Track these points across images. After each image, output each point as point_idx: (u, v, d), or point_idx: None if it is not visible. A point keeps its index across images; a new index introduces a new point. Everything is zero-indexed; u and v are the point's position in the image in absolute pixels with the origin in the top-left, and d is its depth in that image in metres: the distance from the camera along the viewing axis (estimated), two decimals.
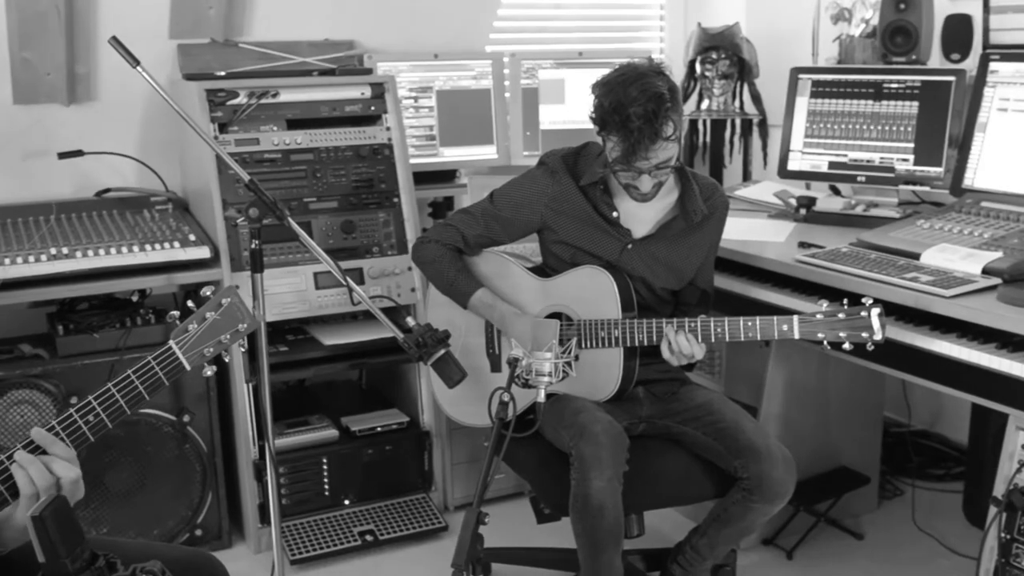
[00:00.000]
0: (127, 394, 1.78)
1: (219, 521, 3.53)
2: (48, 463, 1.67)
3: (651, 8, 5.01)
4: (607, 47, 4.71)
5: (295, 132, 3.57)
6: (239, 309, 1.91)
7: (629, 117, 2.67)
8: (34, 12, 3.49)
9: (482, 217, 3.00)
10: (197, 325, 1.87)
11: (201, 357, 1.86)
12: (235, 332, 1.90)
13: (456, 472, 3.79)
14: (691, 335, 2.74)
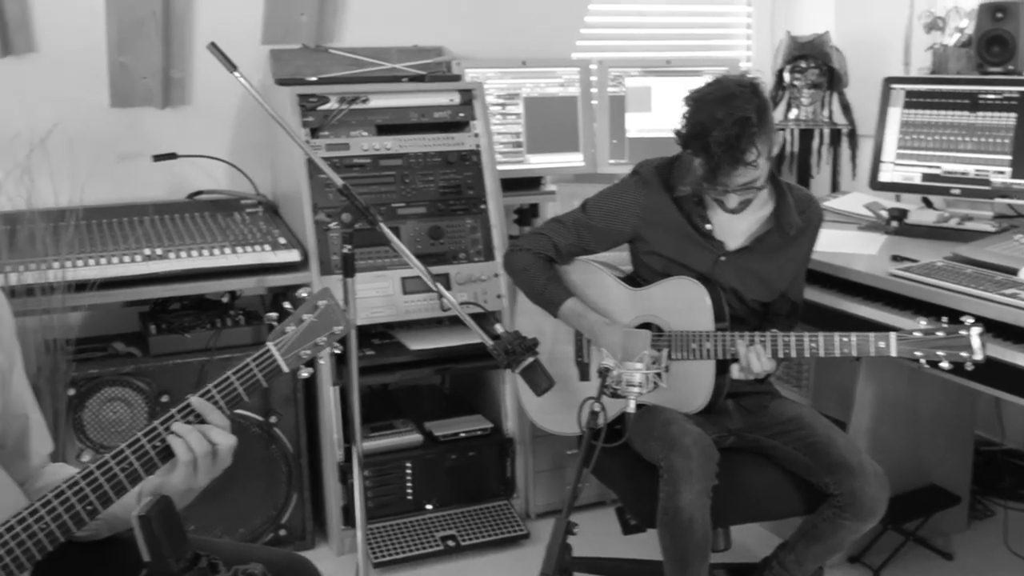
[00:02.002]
0: (226, 395, 1.79)
1: (303, 522, 3.55)
2: (206, 431, 1.71)
3: (737, 16, 4.97)
4: (695, 55, 4.68)
5: (384, 138, 3.59)
6: (335, 312, 1.92)
7: (710, 143, 2.65)
8: (133, 18, 3.54)
9: (574, 226, 3.00)
10: (294, 327, 1.88)
11: (298, 359, 1.87)
12: (331, 334, 1.91)
13: (538, 480, 3.78)
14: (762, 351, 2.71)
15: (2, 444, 1.80)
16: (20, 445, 1.87)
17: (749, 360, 2.71)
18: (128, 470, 1.69)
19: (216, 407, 1.76)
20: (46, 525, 1.63)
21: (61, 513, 1.64)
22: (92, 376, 3.22)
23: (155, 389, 3.29)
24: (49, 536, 1.63)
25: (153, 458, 1.71)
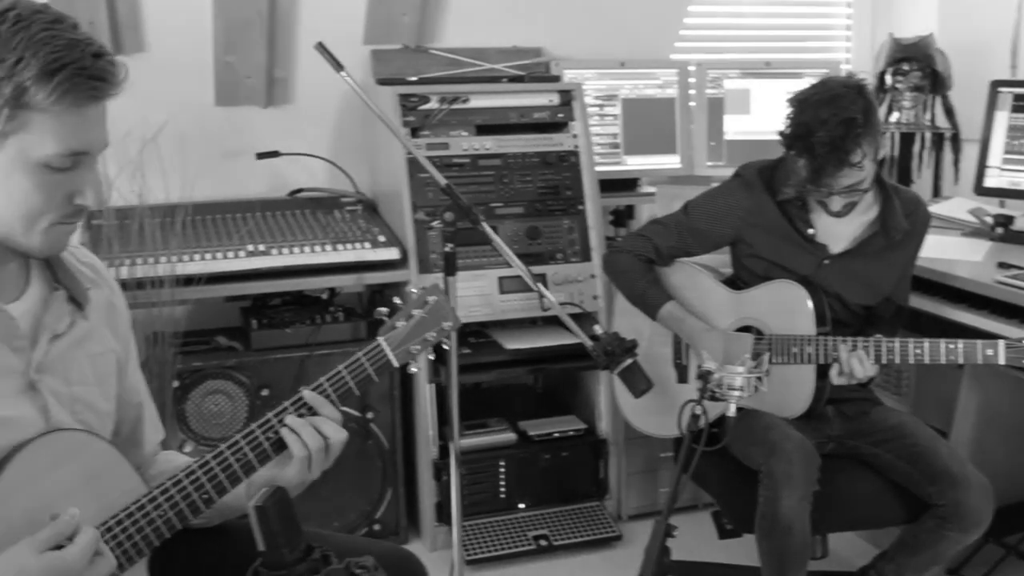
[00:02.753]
0: (338, 389, 1.82)
1: (397, 517, 3.59)
2: (318, 425, 1.75)
3: (837, 17, 4.90)
4: (794, 57, 4.63)
5: (484, 138, 3.62)
6: (444, 308, 1.94)
7: (814, 143, 2.62)
8: (239, 18, 3.61)
9: (675, 228, 2.98)
10: (404, 322, 1.90)
11: (407, 355, 1.89)
12: (440, 330, 1.92)
13: (631, 481, 3.77)
14: (864, 356, 2.67)
15: (117, 431, 1.84)
16: (134, 433, 1.92)
17: (852, 366, 2.67)
18: (242, 460, 1.73)
19: (328, 401, 1.78)
20: (164, 512, 1.66)
21: (178, 501, 1.68)
22: (195, 369, 3.29)
23: (255, 383, 3.34)
24: (167, 523, 1.67)
25: (267, 449, 1.75)
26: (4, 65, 1.45)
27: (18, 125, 1.48)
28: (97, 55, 1.51)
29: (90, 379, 1.73)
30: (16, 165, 1.50)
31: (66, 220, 1.58)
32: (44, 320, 1.66)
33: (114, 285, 1.85)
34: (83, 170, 1.56)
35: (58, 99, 1.47)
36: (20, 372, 1.62)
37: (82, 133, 1.53)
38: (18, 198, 1.52)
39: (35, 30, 1.46)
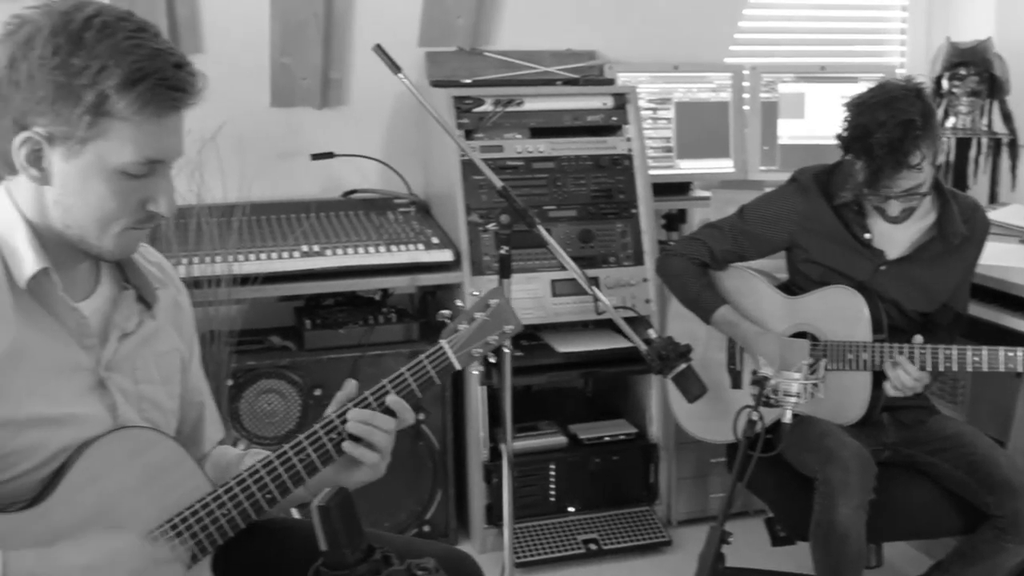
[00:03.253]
0: (401, 390, 1.83)
1: (447, 519, 3.60)
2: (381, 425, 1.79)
3: (892, 21, 4.86)
4: (850, 61, 4.59)
5: (538, 140, 3.62)
6: (506, 310, 1.94)
7: (872, 145, 2.61)
8: (296, 20, 3.64)
9: (730, 232, 2.97)
10: (466, 325, 1.90)
11: (469, 357, 1.89)
12: (502, 333, 1.93)
13: (681, 487, 3.76)
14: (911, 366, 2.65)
15: (179, 429, 1.86)
16: (195, 431, 1.94)
17: (902, 380, 2.66)
18: (305, 461, 1.74)
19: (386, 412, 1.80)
20: (228, 511, 1.68)
21: (242, 500, 1.69)
22: (249, 368, 3.31)
23: (308, 383, 3.36)
24: (231, 522, 1.68)
25: (330, 451, 1.76)
26: (88, 72, 1.46)
27: (98, 132, 1.50)
28: (178, 65, 1.53)
29: (156, 377, 1.76)
30: (94, 171, 1.52)
31: (138, 225, 1.60)
32: (114, 319, 1.68)
33: (180, 284, 1.88)
34: (158, 177, 1.58)
35: (139, 108, 1.49)
36: (90, 369, 1.64)
37: (159, 142, 1.54)
38: (94, 203, 1.54)
39: (120, 38, 1.48)
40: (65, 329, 1.62)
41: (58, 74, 1.47)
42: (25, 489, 1.58)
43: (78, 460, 1.59)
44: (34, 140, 1.51)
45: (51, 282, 1.58)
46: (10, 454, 1.55)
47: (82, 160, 1.52)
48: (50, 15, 1.49)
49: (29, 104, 1.49)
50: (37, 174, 1.54)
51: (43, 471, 1.59)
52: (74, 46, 1.47)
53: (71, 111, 1.48)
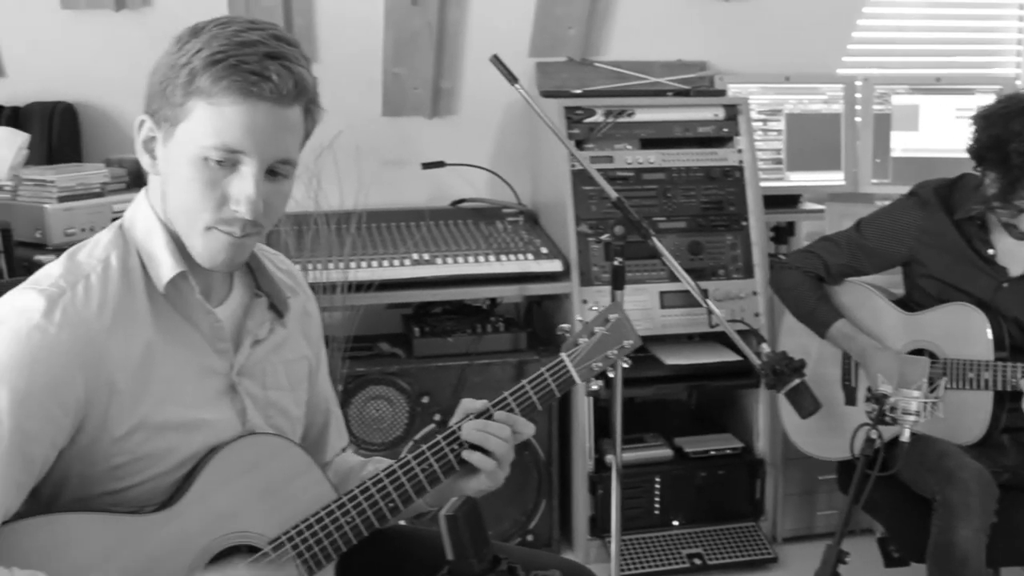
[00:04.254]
0: (522, 403, 1.82)
1: (550, 529, 3.59)
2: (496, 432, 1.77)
3: (1008, 32, 4.75)
4: (966, 72, 4.50)
5: (648, 151, 3.60)
6: (625, 325, 1.93)
7: (1009, 154, 2.55)
8: (409, 30, 3.68)
9: (847, 246, 2.93)
10: (587, 339, 1.90)
11: (589, 371, 1.89)
12: (621, 348, 1.92)
13: (787, 503, 3.71)
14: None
15: (304, 436, 1.88)
16: (320, 439, 1.96)
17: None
18: (428, 471, 1.75)
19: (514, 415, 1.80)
20: (352, 519, 1.69)
21: (366, 509, 1.70)
22: (359, 374, 3.35)
23: (416, 390, 3.38)
24: (354, 530, 1.70)
25: (451, 461, 1.76)
26: (188, 53, 1.50)
27: (185, 112, 1.51)
28: (272, 56, 1.50)
29: (284, 384, 1.78)
30: (182, 155, 1.53)
31: (221, 225, 1.55)
32: (246, 325, 1.71)
33: (310, 293, 1.90)
34: (241, 174, 1.53)
35: (215, 85, 1.48)
36: (223, 374, 1.67)
37: (238, 129, 1.50)
38: (182, 188, 1.55)
39: (230, 30, 1.51)
40: (199, 333, 1.64)
41: (171, 58, 1.52)
42: (157, 492, 1.61)
43: (208, 465, 1.62)
44: (148, 125, 1.56)
45: (189, 286, 1.60)
46: (143, 457, 1.58)
47: (174, 143, 1.54)
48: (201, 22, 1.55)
49: (152, 92, 1.55)
50: (150, 161, 1.58)
51: (175, 475, 1.62)
52: (191, 36, 1.52)
53: (171, 91, 1.51)
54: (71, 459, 1.55)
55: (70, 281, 1.54)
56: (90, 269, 1.57)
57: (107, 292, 1.55)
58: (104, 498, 1.59)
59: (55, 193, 3.00)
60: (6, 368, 1.47)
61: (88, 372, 1.51)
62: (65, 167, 3.24)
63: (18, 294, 1.54)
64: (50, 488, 1.58)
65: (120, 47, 3.57)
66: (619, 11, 3.94)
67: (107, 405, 1.53)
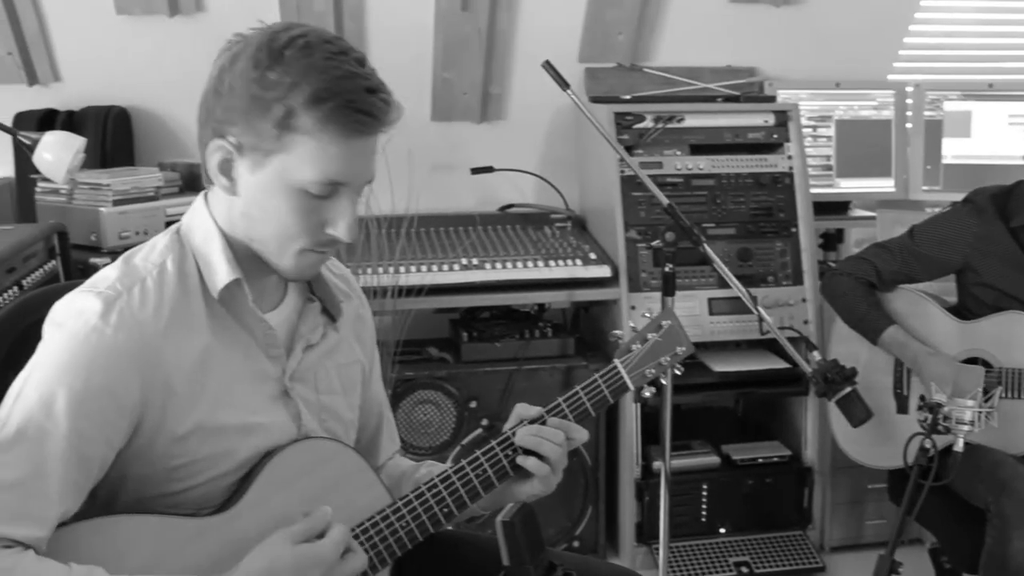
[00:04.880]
0: (575, 409, 1.83)
1: (596, 535, 3.58)
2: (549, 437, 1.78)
3: None
4: (1019, 78, 4.45)
5: (698, 157, 3.59)
6: (678, 332, 1.93)
7: None
8: (459, 35, 3.69)
9: (900, 253, 2.91)
10: (639, 345, 1.90)
11: (642, 378, 1.89)
12: (674, 355, 1.91)
13: (836, 512, 3.68)
14: None
15: (357, 439, 1.89)
16: (372, 443, 1.97)
17: None
18: (482, 476, 1.75)
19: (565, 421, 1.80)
20: (407, 524, 1.70)
21: (421, 514, 1.71)
22: (407, 378, 3.36)
23: (464, 395, 3.39)
24: (409, 534, 1.70)
25: (505, 466, 1.77)
26: (280, 87, 1.49)
27: (282, 146, 1.51)
28: (371, 90, 1.52)
29: (337, 389, 1.79)
30: (276, 185, 1.54)
31: (317, 248, 1.60)
32: (299, 330, 1.72)
33: (363, 297, 1.90)
34: (341, 201, 1.57)
35: (323, 127, 1.49)
36: (276, 379, 1.68)
37: (342, 164, 1.53)
38: (275, 218, 1.56)
39: (317, 58, 1.49)
40: (253, 339, 1.65)
41: (254, 86, 1.50)
42: (213, 495, 1.63)
43: (265, 468, 1.63)
44: (226, 148, 1.55)
45: (242, 293, 1.62)
46: (201, 460, 1.60)
47: (266, 173, 1.54)
48: (262, 33, 1.54)
49: (226, 113, 1.53)
50: (227, 183, 1.57)
51: (230, 478, 1.63)
52: (273, 61, 1.50)
53: (261, 123, 1.51)
54: (129, 460, 1.57)
55: (126, 284, 1.56)
56: (146, 273, 1.58)
57: (163, 296, 1.57)
58: (161, 500, 1.61)
59: (110, 196, 3.04)
60: (63, 369, 1.49)
61: (144, 374, 1.53)
62: (120, 171, 3.28)
63: (76, 297, 1.56)
64: (108, 490, 1.60)
65: (173, 52, 3.62)
66: (669, 17, 3.93)
67: (163, 407, 1.55)
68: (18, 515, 1.44)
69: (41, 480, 1.46)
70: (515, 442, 1.77)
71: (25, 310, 1.82)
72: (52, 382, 1.48)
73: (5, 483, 1.44)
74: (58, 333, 1.52)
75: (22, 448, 1.46)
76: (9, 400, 1.50)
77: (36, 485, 1.45)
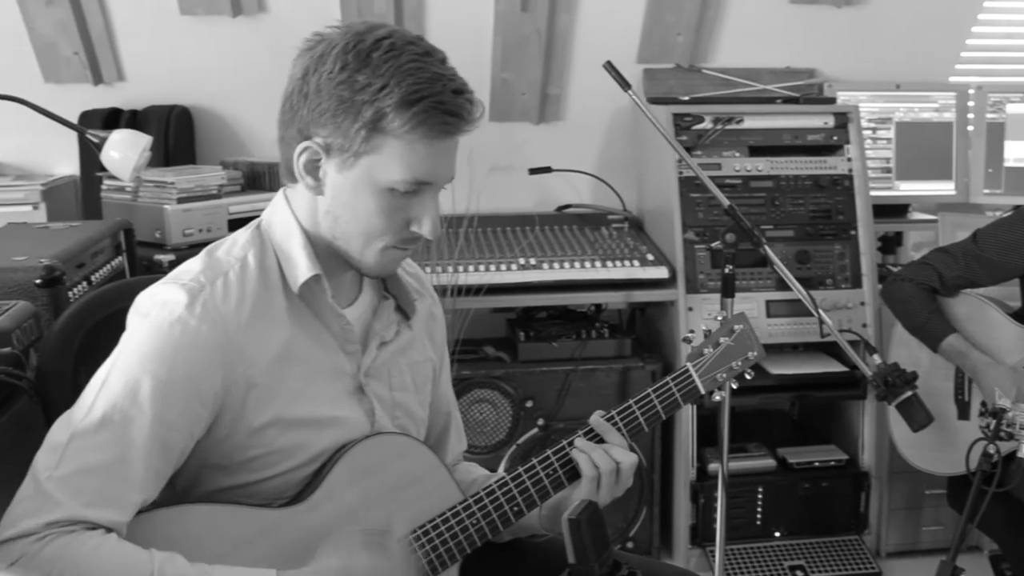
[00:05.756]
0: (645, 412, 1.83)
1: (650, 536, 3.58)
2: (607, 449, 1.76)
3: None
4: None
5: (756, 159, 3.58)
6: (750, 337, 1.93)
7: None
8: (518, 36, 3.70)
9: (963, 258, 2.88)
10: (711, 349, 1.90)
11: (714, 382, 1.89)
12: (745, 359, 1.92)
13: (892, 517, 3.65)
14: None
15: (426, 437, 1.90)
16: (440, 441, 1.98)
17: None
18: (538, 486, 1.76)
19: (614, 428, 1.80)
20: (477, 521, 1.71)
21: (491, 511, 1.72)
22: (464, 377, 3.37)
23: (520, 394, 3.40)
24: (479, 532, 1.72)
25: (561, 477, 1.77)
26: (370, 90, 1.51)
27: (372, 147, 1.54)
28: (457, 91, 1.55)
29: (410, 386, 1.80)
30: (364, 185, 1.57)
31: (401, 245, 1.63)
32: (374, 327, 1.74)
33: (435, 296, 1.92)
34: (425, 199, 1.60)
35: (412, 128, 1.52)
36: (351, 375, 1.70)
37: (429, 163, 1.56)
38: (361, 216, 1.59)
39: (404, 60, 1.51)
40: (330, 334, 1.68)
41: (343, 88, 1.52)
42: (289, 486, 1.65)
43: (339, 462, 1.65)
44: (313, 150, 1.57)
45: (321, 288, 1.64)
46: (277, 451, 1.62)
47: (354, 173, 1.56)
48: (346, 34, 1.55)
49: (313, 115, 1.55)
50: (313, 183, 1.60)
51: (304, 471, 1.66)
52: (361, 64, 1.52)
53: (350, 125, 1.53)
54: (208, 450, 1.60)
55: (209, 277, 1.59)
56: (228, 267, 1.61)
57: (245, 289, 1.60)
58: (237, 490, 1.64)
59: (174, 194, 3.08)
60: (149, 358, 1.52)
61: (226, 366, 1.55)
62: (183, 169, 3.32)
63: (160, 288, 1.58)
64: (186, 479, 1.63)
65: (235, 52, 3.66)
66: (728, 18, 3.92)
67: (244, 398, 1.58)
68: (102, 499, 1.47)
69: (125, 465, 1.49)
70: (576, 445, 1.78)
71: (96, 305, 1.86)
72: (137, 370, 1.51)
73: (90, 467, 1.47)
74: (144, 323, 1.55)
75: (107, 433, 1.49)
76: (94, 387, 1.53)
77: (120, 470, 1.49)
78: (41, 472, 1.47)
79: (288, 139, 1.60)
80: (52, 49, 3.61)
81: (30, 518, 1.45)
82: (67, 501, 1.45)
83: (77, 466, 1.47)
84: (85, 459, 1.47)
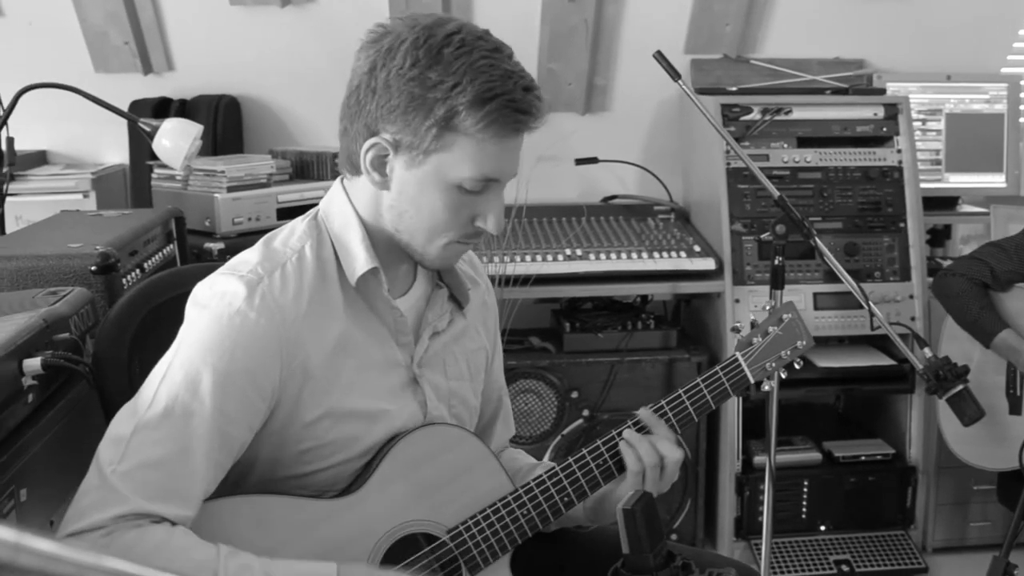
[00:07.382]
0: (695, 401, 1.82)
1: (694, 529, 3.58)
2: (654, 442, 1.75)
3: None
4: None
5: (805, 150, 3.56)
6: (798, 326, 1.91)
7: None
8: (565, 26, 3.70)
9: (1015, 252, 2.86)
10: (760, 339, 1.88)
11: (763, 371, 1.87)
12: (794, 348, 1.90)
13: (939, 512, 3.62)
14: None
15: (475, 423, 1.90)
16: (488, 427, 1.98)
17: None
18: (588, 476, 1.76)
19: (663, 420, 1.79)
20: (527, 512, 1.71)
21: (541, 502, 1.72)
22: (510, 367, 3.35)
23: (566, 385, 3.40)
24: (530, 522, 1.71)
25: (611, 467, 1.77)
26: (442, 87, 1.50)
27: (442, 145, 1.53)
28: (527, 88, 1.55)
29: (465, 375, 1.80)
30: (432, 181, 1.56)
31: (464, 240, 1.63)
32: (427, 316, 1.74)
33: (488, 284, 1.92)
34: (490, 195, 1.60)
35: (485, 127, 1.51)
36: (405, 366, 1.70)
37: (497, 161, 1.56)
38: (427, 212, 1.59)
39: (476, 57, 1.51)
40: (384, 326, 1.68)
41: (414, 85, 1.51)
42: (340, 478, 1.66)
43: (389, 454, 1.65)
44: (381, 146, 1.57)
45: (378, 281, 1.64)
46: (328, 444, 1.63)
47: (423, 170, 1.56)
48: (413, 28, 1.54)
49: (382, 111, 1.55)
50: (379, 179, 1.59)
51: (357, 462, 1.66)
52: (432, 60, 1.50)
53: (421, 122, 1.52)
54: (262, 442, 1.61)
55: (267, 268, 1.59)
56: (286, 258, 1.61)
57: (302, 281, 1.60)
58: (289, 482, 1.65)
59: (224, 183, 3.10)
60: (208, 350, 1.52)
61: (284, 358, 1.55)
62: (233, 158, 3.34)
63: (219, 279, 1.58)
64: (239, 470, 1.63)
65: (284, 42, 3.68)
66: (776, 8, 3.90)
67: (300, 391, 1.58)
68: (166, 493, 1.48)
69: (186, 459, 1.49)
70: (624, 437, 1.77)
71: (150, 293, 1.87)
72: (197, 362, 1.52)
73: (152, 461, 1.48)
74: (203, 314, 1.55)
75: (169, 426, 1.49)
76: (156, 378, 1.53)
77: (182, 464, 1.49)
78: (105, 466, 1.48)
79: (353, 133, 1.60)
80: (103, 39, 3.64)
81: (98, 511, 1.45)
82: (132, 496, 1.46)
83: (140, 460, 1.48)
84: (148, 453, 1.48)
